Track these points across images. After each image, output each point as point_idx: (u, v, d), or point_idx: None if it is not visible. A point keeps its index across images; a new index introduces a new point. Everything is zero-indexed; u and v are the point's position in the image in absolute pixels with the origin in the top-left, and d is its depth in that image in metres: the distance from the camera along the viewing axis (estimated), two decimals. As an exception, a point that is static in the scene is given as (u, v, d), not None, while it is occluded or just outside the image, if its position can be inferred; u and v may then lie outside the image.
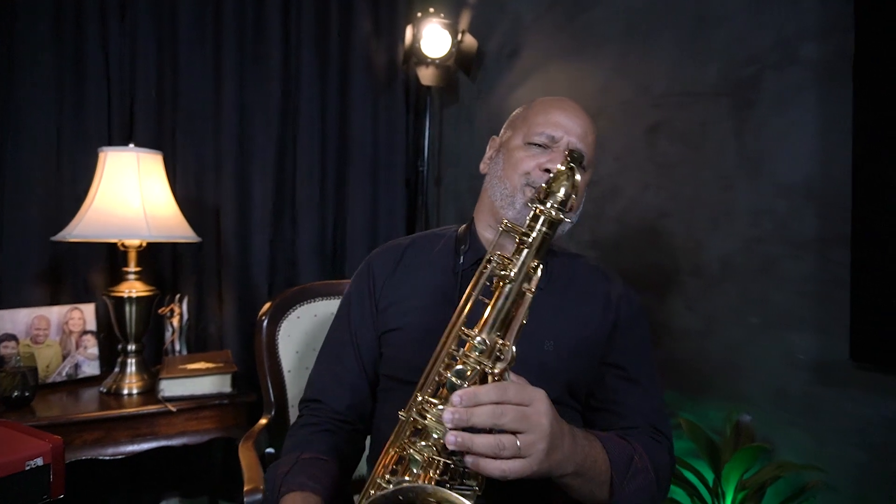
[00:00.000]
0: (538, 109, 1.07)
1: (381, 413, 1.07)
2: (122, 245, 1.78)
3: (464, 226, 1.15)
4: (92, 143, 2.08)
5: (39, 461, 0.88)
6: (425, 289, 1.07)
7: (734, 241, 1.52)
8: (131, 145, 1.80)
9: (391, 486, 0.75)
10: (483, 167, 1.15)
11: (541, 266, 0.79)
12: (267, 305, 1.43)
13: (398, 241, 1.19)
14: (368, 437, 1.11)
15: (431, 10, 2.42)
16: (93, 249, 2.08)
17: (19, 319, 1.77)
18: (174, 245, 2.23)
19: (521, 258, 0.78)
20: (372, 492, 0.78)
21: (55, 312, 1.84)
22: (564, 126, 1.03)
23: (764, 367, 1.45)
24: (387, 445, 0.80)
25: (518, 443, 0.69)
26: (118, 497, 2.13)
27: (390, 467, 0.78)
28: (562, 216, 0.79)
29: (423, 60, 2.41)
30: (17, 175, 1.99)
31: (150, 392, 1.77)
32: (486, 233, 1.10)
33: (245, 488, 1.02)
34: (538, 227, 0.79)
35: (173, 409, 1.65)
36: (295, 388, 1.41)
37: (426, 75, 2.44)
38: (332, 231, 2.56)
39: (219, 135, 2.32)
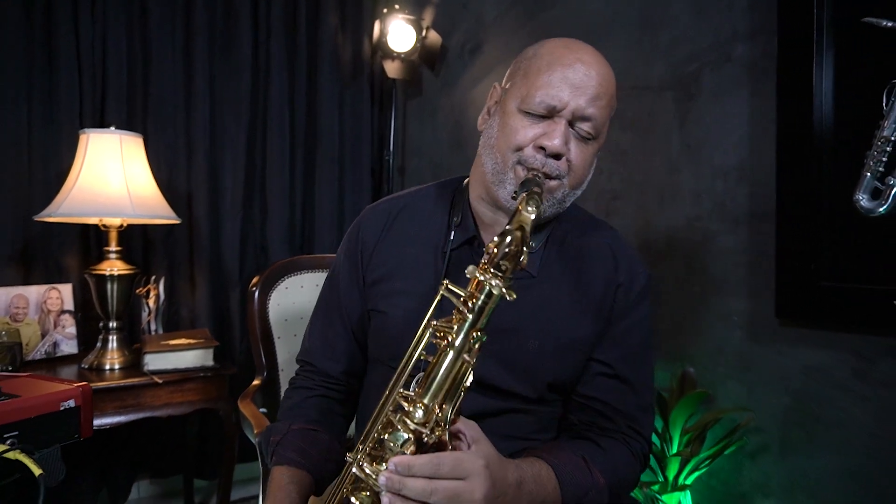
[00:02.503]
0: (542, 64, 0.89)
1: (369, 379, 1.07)
2: (103, 225, 1.83)
3: (463, 184, 1.06)
4: (63, 127, 2.11)
5: (71, 403, 0.97)
6: (411, 268, 0.99)
7: (678, 218, 1.71)
8: (112, 127, 1.84)
9: None
10: (480, 122, 1.01)
11: (483, 337, 0.73)
12: (256, 278, 1.52)
13: (392, 200, 1.10)
14: None
15: (396, 6, 2.54)
16: (65, 231, 2.10)
17: (-2, 298, 1.80)
18: (145, 229, 2.27)
19: (464, 329, 0.72)
20: None
21: (34, 291, 1.87)
22: (571, 88, 0.86)
23: (704, 328, 1.65)
24: (333, 485, 0.83)
25: None
26: (93, 478, 2.16)
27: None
28: (502, 290, 0.71)
29: (390, 54, 2.53)
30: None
31: (131, 367, 1.82)
32: (479, 206, 1.00)
33: (255, 431, 1.13)
34: (480, 295, 0.72)
35: (160, 381, 1.71)
36: (284, 352, 1.51)
37: (392, 68, 2.57)
38: (300, 218, 2.64)
39: (190, 122, 2.37)
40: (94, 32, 2.17)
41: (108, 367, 1.79)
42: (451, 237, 0.98)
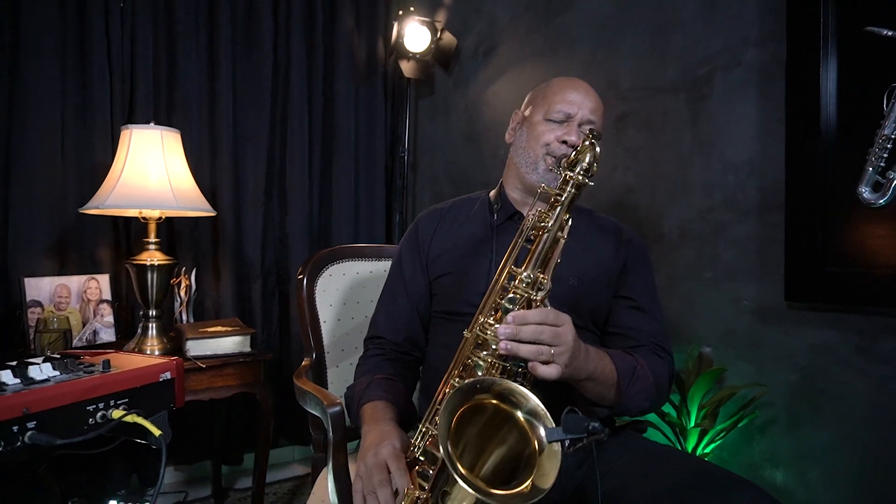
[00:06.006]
0: (555, 89, 1.25)
1: (434, 342, 1.28)
2: (143, 217, 1.90)
3: (494, 190, 1.35)
4: (95, 123, 2.17)
5: (168, 375, 1.06)
6: (467, 240, 1.28)
7: (690, 210, 1.84)
8: (152, 123, 1.92)
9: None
10: (508, 137, 1.33)
11: (570, 219, 0.99)
12: (302, 266, 1.61)
13: (439, 206, 1.40)
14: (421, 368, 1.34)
15: (412, 8, 2.64)
16: (97, 224, 2.17)
17: (43, 287, 1.86)
18: (172, 222, 2.34)
19: (556, 213, 0.98)
20: (447, 390, 0.97)
21: (75, 281, 1.94)
22: (578, 103, 1.21)
23: (716, 312, 1.77)
24: (455, 358, 0.99)
25: (552, 351, 0.90)
26: (124, 464, 2.22)
27: (459, 373, 0.98)
28: (587, 180, 0.99)
29: (405, 54, 2.63)
30: (25, 151, 2.06)
31: (170, 354, 1.89)
32: (513, 193, 1.30)
33: (325, 403, 1.21)
34: (568, 189, 0.99)
35: (203, 366, 1.79)
36: (329, 336, 1.59)
37: (407, 68, 2.67)
38: (317, 212, 2.73)
39: (214, 118, 2.44)
40: (123, 33, 2.24)
41: (148, 353, 1.86)
42: (496, 217, 1.28)
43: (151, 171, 1.83)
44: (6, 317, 1.95)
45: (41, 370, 0.93)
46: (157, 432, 0.89)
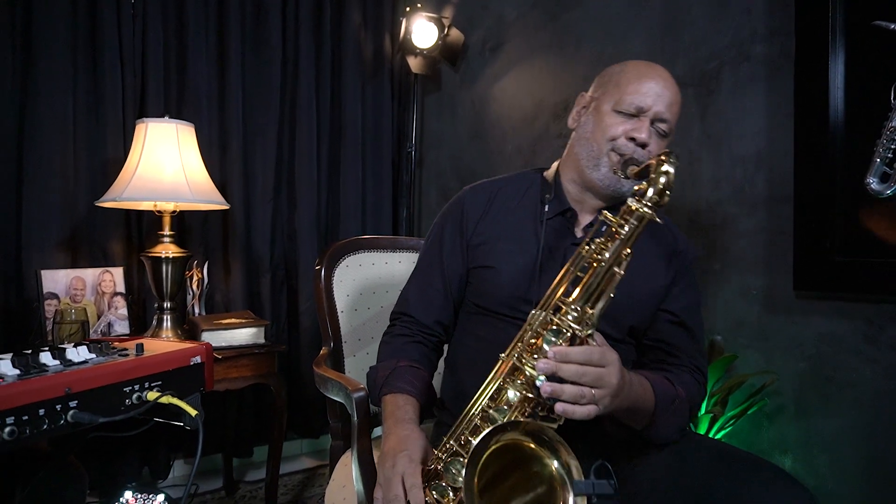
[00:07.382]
0: (631, 77, 1.13)
1: (464, 329, 1.25)
2: (158, 211, 1.92)
3: (549, 171, 1.26)
4: (107, 117, 2.19)
5: (198, 359, 1.08)
6: (513, 233, 1.19)
7: (700, 203, 1.87)
8: (166, 117, 1.94)
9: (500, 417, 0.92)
10: (571, 122, 1.22)
11: (631, 253, 0.92)
12: (320, 256, 1.63)
13: (490, 182, 1.30)
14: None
15: (419, 4, 2.67)
16: (109, 217, 2.18)
17: (59, 279, 1.88)
18: (182, 216, 2.36)
19: (615, 246, 0.91)
20: (478, 421, 0.95)
21: (90, 274, 1.96)
22: (654, 96, 1.09)
23: (725, 303, 1.80)
24: (488, 380, 0.96)
25: (593, 393, 0.86)
26: (135, 458, 2.24)
27: (491, 395, 0.95)
28: (654, 215, 0.90)
29: (413, 51, 2.65)
30: (38, 146, 2.07)
31: (185, 346, 1.91)
32: (569, 186, 1.21)
33: (349, 389, 1.23)
34: (631, 220, 0.91)
35: (219, 357, 1.81)
36: (347, 325, 1.62)
37: (414, 64, 2.69)
38: (325, 207, 2.75)
39: (223, 114, 2.46)
40: (134, 29, 2.25)
41: (164, 345, 1.88)
42: (546, 209, 1.18)
43: (167, 164, 1.85)
44: (21, 309, 1.97)
45: (78, 353, 0.95)
46: (192, 412, 0.91)
